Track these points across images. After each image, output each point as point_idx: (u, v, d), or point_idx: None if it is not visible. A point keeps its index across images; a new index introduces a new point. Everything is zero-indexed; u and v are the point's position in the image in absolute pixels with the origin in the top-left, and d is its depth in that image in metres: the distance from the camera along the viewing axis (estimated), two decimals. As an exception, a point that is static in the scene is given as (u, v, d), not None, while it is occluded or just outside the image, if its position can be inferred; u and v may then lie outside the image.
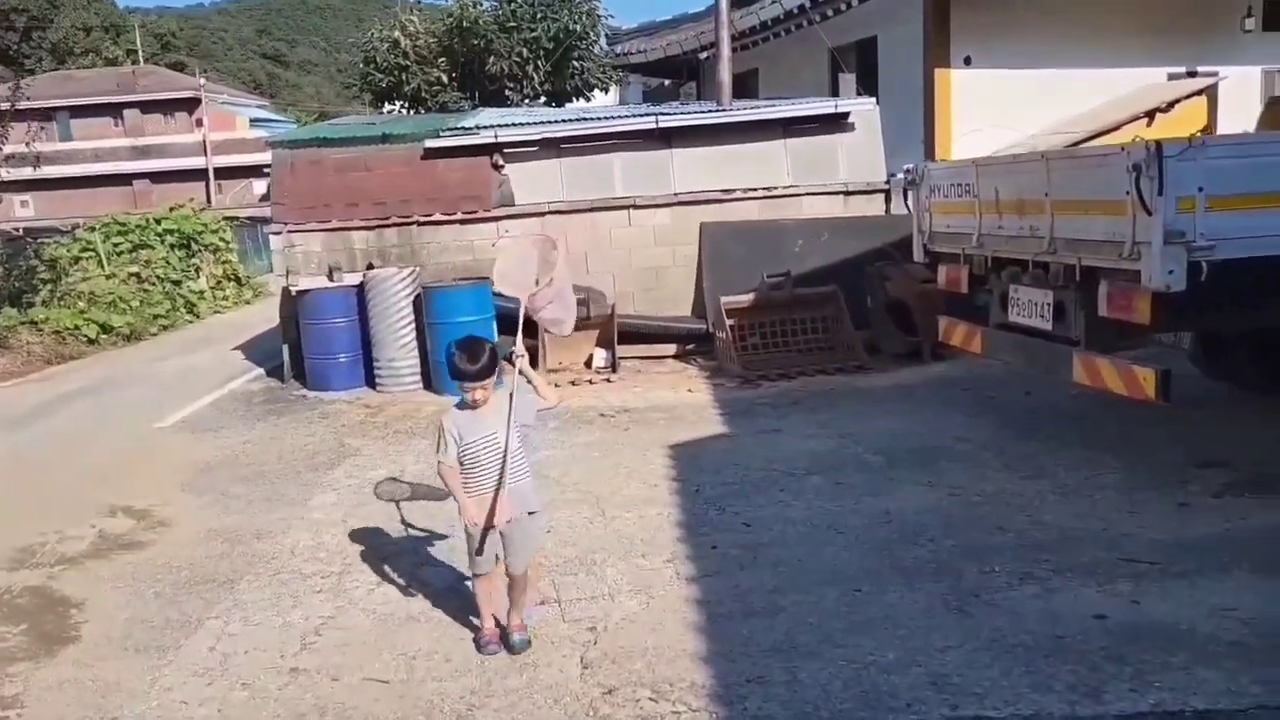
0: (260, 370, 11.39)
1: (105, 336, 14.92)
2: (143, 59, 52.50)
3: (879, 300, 9.92)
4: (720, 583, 4.70)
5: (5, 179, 15.50)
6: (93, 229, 18.54)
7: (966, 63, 13.94)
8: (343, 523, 6.00)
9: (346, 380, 9.83)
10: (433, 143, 10.62)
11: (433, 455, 4.22)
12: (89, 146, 42.49)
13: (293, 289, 10.15)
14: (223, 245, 20.62)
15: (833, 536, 5.24)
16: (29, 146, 15.26)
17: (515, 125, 10.97)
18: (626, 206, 10.74)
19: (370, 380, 9.83)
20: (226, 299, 19.83)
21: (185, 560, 5.56)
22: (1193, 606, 4.11)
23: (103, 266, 17.15)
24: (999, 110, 13.31)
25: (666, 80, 20.89)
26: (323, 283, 10.02)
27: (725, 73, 11.60)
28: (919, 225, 7.26)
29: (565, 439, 7.50)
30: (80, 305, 15.31)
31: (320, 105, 61.43)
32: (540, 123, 11.12)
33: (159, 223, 19.23)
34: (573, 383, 9.34)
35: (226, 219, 22.68)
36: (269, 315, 14.93)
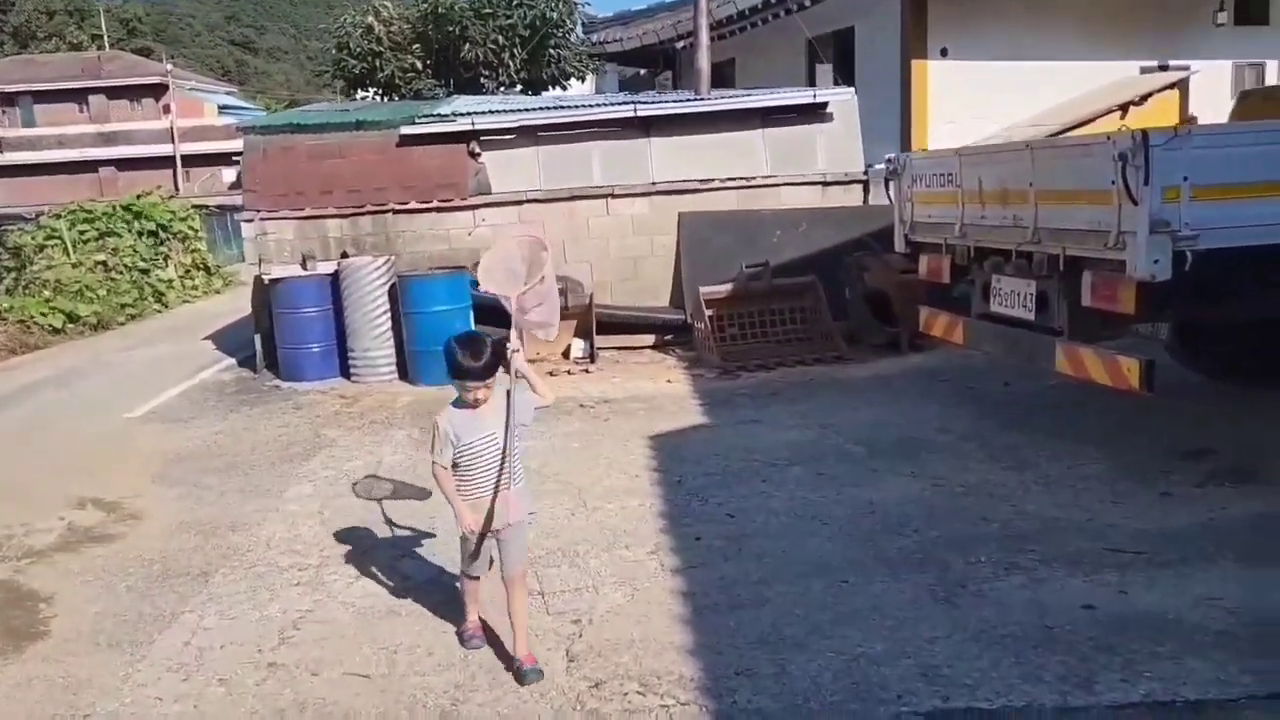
0: (232, 360, 11.21)
1: (72, 326, 14.64)
2: (108, 44, 51.57)
3: (857, 291, 9.91)
4: (705, 574, 4.66)
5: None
6: (58, 216, 18.17)
7: (943, 54, 13.99)
8: (319, 514, 5.89)
9: (320, 370, 9.68)
10: (408, 129, 10.47)
11: (426, 455, 4.09)
12: (53, 133, 41.68)
13: (265, 277, 9.97)
14: (191, 234, 20.31)
15: (816, 527, 5.21)
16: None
17: (492, 113, 10.84)
18: (604, 196, 10.65)
19: (345, 370, 9.69)
20: (196, 288, 19.53)
21: (157, 553, 5.44)
22: (1179, 596, 4.11)
23: (69, 254, 16.81)
24: (975, 102, 13.36)
25: (642, 70, 20.80)
26: (296, 271, 9.86)
27: (704, 61, 11.53)
28: (900, 215, 7.22)
29: (545, 430, 7.41)
30: (46, 294, 15.01)
31: (290, 93, 60.68)
32: (517, 110, 10.99)
33: (127, 210, 18.89)
34: (551, 373, 9.25)
35: (195, 207, 22.33)
36: (239, 305, 14.76)
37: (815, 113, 10.94)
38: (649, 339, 10.50)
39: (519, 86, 16.66)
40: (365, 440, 7.54)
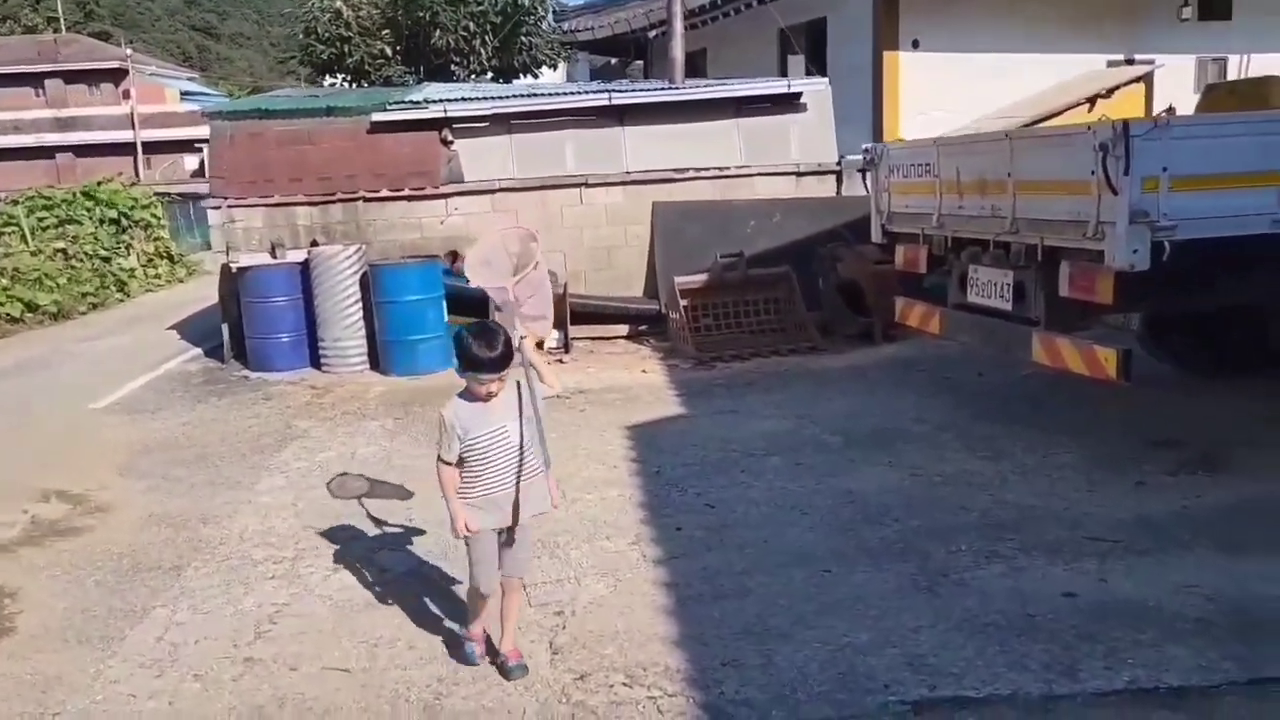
0: (198, 350, 11.02)
1: (31, 315, 14.32)
2: (65, 27, 50.46)
3: (831, 281, 9.92)
4: (687, 565, 4.64)
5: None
6: (15, 202, 17.79)
7: (915, 45, 14.03)
8: (293, 506, 5.80)
9: (290, 360, 9.54)
10: (379, 116, 10.33)
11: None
12: (8, 117, 40.66)
13: (233, 266, 9.80)
14: (154, 221, 19.94)
15: (797, 517, 5.20)
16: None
17: (465, 100, 10.72)
18: (578, 185, 10.58)
19: (315, 361, 9.56)
20: (159, 277, 19.19)
21: (126, 546, 5.32)
22: (1158, 584, 4.14)
23: (26, 242, 16.45)
24: (946, 93, 13.42)
25: (614, 59, 20.70)
26: (265, 259, 9.70)
27: (678, 50, 11.48)
28: (877, 205, 7.23)
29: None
30: (3, 282, 14.65)
31: (254, 80, 59.76)
32: (490, 98, 10.89)
33: (87, 197, 18.50)
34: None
35: (157, 194, 21.93)
36: (204, 294, 14.52)
37: (789, 103, 10.93)
38: (623, 329, 10.46)
39: (490, 74, 16.53)
40: (338, 431, 7.44)
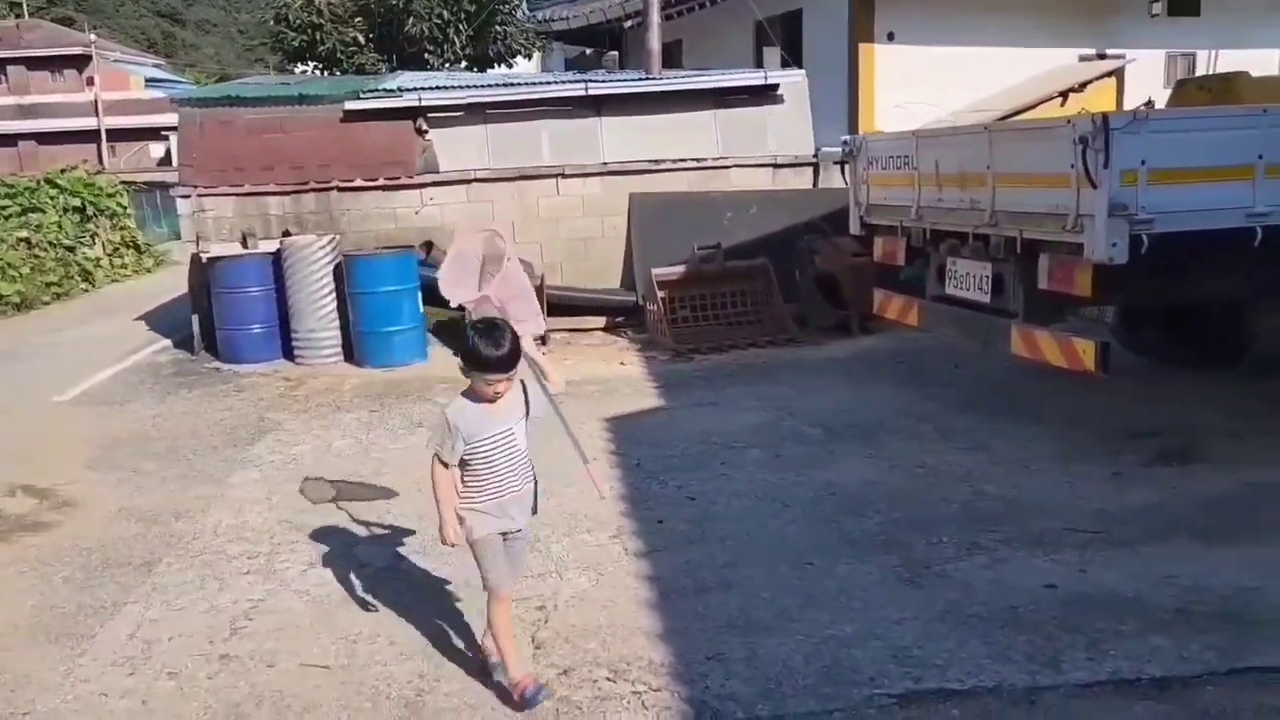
0: (167, 341, 10.84)
1: (-7, 305, 14.06)
2: (27, 12, 49.48)
3: (808, 273, 9.93)
4: (669, 558, 4.61)
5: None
6: (-24, 191, 17.40)
7: (890, 38, 14.06)
8: (267, 500, 5.71)
9: (262, 352, 9.41)
10: (353, 104, 10.19)
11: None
12: (-32, 104, 40.04)
13: (203, 256, 9.65)
14: (120, 210, 19.61)
15: (778, 510, 5.19)
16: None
17: (440, 89, 10.60)
18: (555, 175, 10.50)
19: (288, 352, 9.43)
20: (125, 267, 18.87)
21: (96, 542, 5.21)
22: (1137, 574, 4.17)
23: (-11, 231, 16.12)
24: (921, 86, 13.47)
25: (589, 49, 20.57)
26: (236, 250, 9.56)
27: (655, 40, 11.42)
28: (856, 197, 7.23)
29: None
30: (-35, 272, 14.39)
31: (221, 67, 58.93)
32: (466, 87, 10.77)
33: (51, 185, 18.15)
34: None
35: (123, 183, 21.56)
36: (172, 284, 14.30)
37: (766, 94, 10.91)
38: (600, 321, 10.41)
39: (464, 64, 16.37)
40: (313, 424, 7.34)
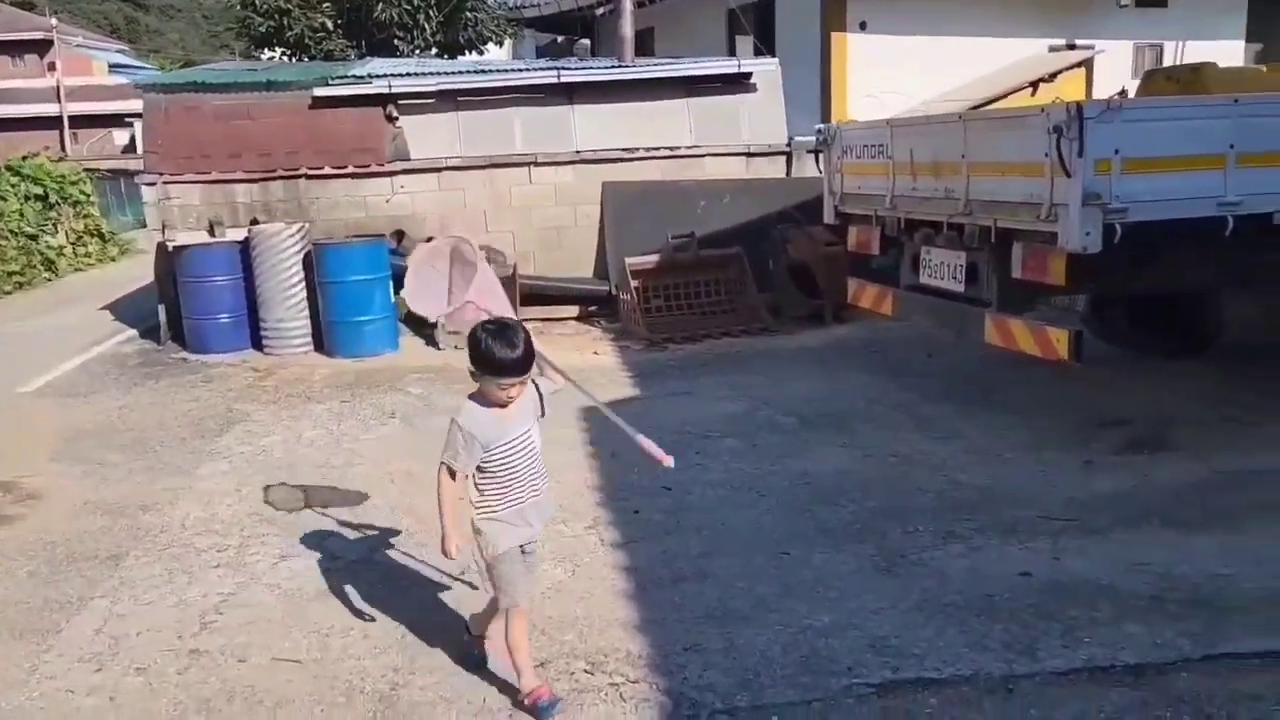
0: (133, 331, 10.66)
1: (-47, 295, 13.79)
2: (-14, -4, 48.46)
3: (781, 263, 9.93)
4: (646, 548, 4.59)
5: None
6: (-65, 178, 17.02)
7: (862, 27, 14.10)
8: (237, 492, 5.63)
9: (230, 342, 9.28)
10: (322, 91, 10.05)
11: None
12: (-75, 89, 39.11)
13: (169, 244, 9.49)
14: (83, 198, 19.25)
15: (754, 499, 5.18)
16: None
17: (410, 76, 10.49)
18: (527, 164, 10.42)
19: (257, 342, 9.30)
20: (89, 256, 18.54)
21: (61, 535, 5.11)
22: (1110, 562, 4.19)
23: (-52, 219, 15.79)
24: (893, 75, 13.52)
25: (560, 36, 20.43)
26: (203, 238, 9.41)
27: (628, 27, 11.34)
28: (830, 186, 7.22)
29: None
30: (-78, 260, 14.09)
31: (186, 53, 57.99)
32: (437, 74, 10.66)
33: (11, 172, 17.78)
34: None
35: (87, 170, 21.18)
36: (137, 273, 14.08)
37: (740, 83, 10.88)
38: (573, 310, 10.35)
39: (435, 50, 16.20)
40: (282, 415, 7.24)
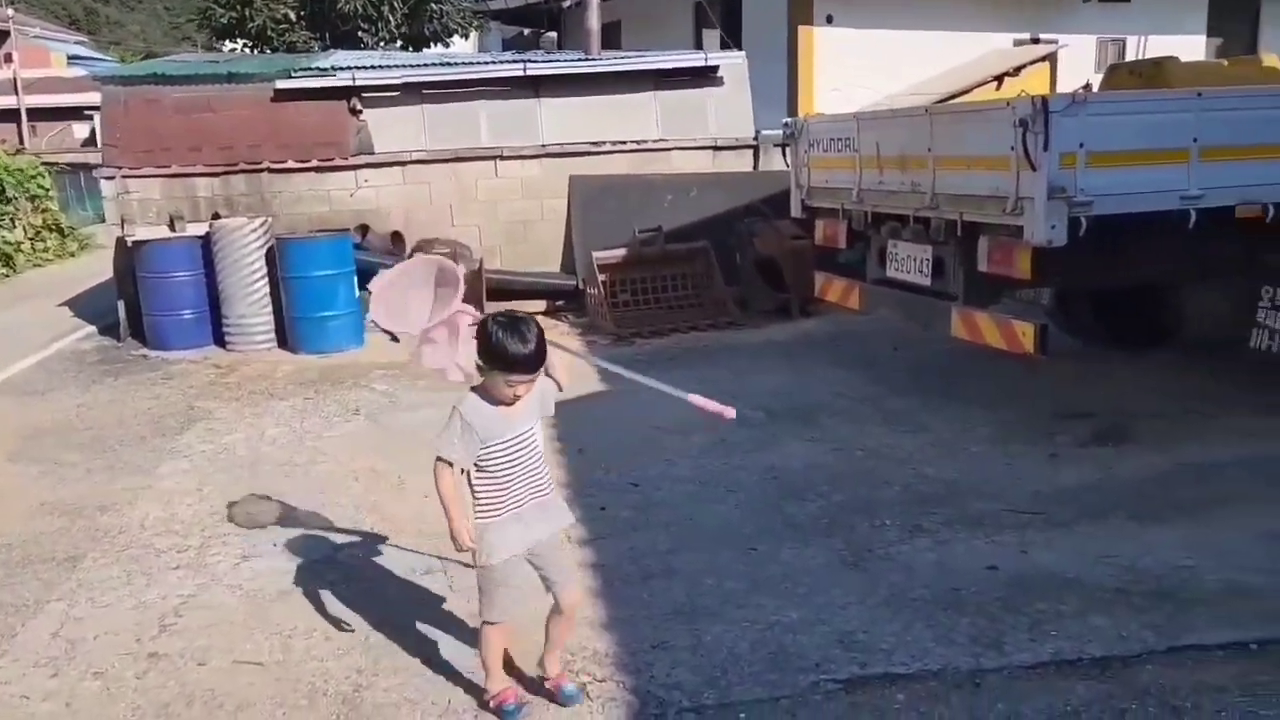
0: (92, 328, 10.46)
1: (-95, 291, 13.46)
2: (-61, -15, 47.43)
3: (748, 257, 9.93)
4: (613, 545, 4.56)
5: None
6: (-113, 171, 16.63)
7: (828, 21, 14.13)
8: (198, 491, 5.53)
9: (192, 338, 9.13)
10: (284, 83, 9.91)
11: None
12: (-123, 81, 38.14)
13: (129, 239, 9.31)
14: (42, 193, 18.87)
15: (722, 495, 5.17)
16: None
17: (375, 68, 10.36)
18: (493, 157, 10.34)
19: (219, 338, 9.16)
20: (48, 251, 18.18)
21: (15, 537, 4.99)
22: (1076, 555, 4.22)
23: (-100, 213, 15.43)
24: (859, 69, 13.57)
25: (526, 29, 20.31)
26: (163, 233, 9.24)
27: (594, 20, 11.29)
28: (797, 180, 7.22)
29: (439, 399, 7.16)
30: (-125, 256, 13.74)
31: (146, 45, 57.16)
32: (401, 66, 10.55)
33: (-34, 166, 17.42)
34: (440, 340, 8.96)
35: (45, 164, 20.76)
36: (97, 269, 13.81)
37: (706, 76, 10.86)
38: (540, 305, 10.29)
39: (399, 43, 16.05)
40: (245, 412, 7.13)
